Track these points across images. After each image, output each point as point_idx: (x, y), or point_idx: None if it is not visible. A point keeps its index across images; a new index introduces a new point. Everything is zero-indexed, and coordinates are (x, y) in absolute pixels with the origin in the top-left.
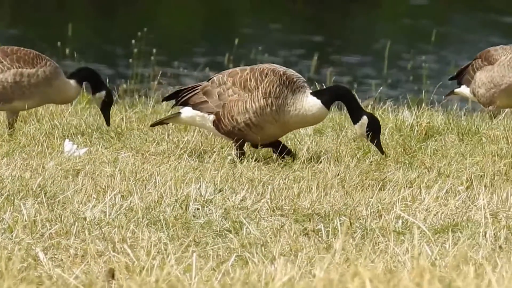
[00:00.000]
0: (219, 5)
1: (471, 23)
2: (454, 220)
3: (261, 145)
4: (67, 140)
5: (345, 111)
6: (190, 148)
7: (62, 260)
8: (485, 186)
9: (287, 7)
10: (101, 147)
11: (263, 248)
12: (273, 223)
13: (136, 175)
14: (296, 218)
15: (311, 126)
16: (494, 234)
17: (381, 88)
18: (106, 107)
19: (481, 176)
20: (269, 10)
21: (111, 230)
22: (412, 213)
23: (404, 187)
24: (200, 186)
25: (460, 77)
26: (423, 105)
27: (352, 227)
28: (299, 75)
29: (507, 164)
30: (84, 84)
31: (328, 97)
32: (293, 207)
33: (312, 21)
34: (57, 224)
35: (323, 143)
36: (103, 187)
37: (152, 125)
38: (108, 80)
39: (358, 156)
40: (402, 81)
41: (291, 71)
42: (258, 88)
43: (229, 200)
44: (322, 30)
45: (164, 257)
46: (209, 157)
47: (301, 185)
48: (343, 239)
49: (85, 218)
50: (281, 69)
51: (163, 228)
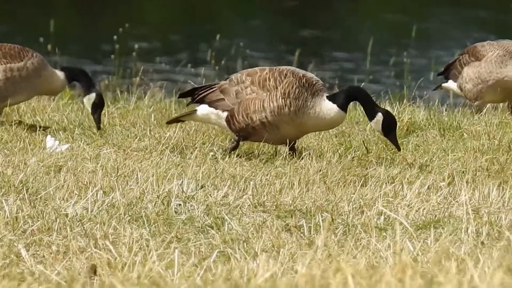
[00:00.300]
0: (201, 1)
1: (453, 18)
2: (436, 216)
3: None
4: (49, 136)
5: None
6: (172, 144)
7: (44, 256)
8: (466, 182)
9: (268, 2)
10: (83, 143)
11: (245, 244)
12: (255, 219)
13: (118, 171)
14: (278, 214)
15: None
16: (476, 230)
17: (363, 83)
18: (97, 110)
19: (463, 172)
20: (250, 6)
21: (93, 227)
22: (394, 209)
23: (386, 183)
24: (182, 182)
25: (448, 72)
26: (404, 100)
27: (334, 223)
28: (318, 79)
29: (488, 160)
30: (77, 86)
31: (343, 100)
32: (275, 203)
33: (294, 17)
34: (39, 220)
35: (305, 138)
36: (85, 183)
37: (168, 123)
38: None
39: (340, 152)
40: (384, 76)
41: (310, 74)
42: (277, 88)
43: (211, 196)
44: (304, 25)
45: (146, 253)
46: (191, 153)
47: (283, 181)
48: (325, 235)
49: (67, 215)
50: (301, 71)
51: (145, 224)
